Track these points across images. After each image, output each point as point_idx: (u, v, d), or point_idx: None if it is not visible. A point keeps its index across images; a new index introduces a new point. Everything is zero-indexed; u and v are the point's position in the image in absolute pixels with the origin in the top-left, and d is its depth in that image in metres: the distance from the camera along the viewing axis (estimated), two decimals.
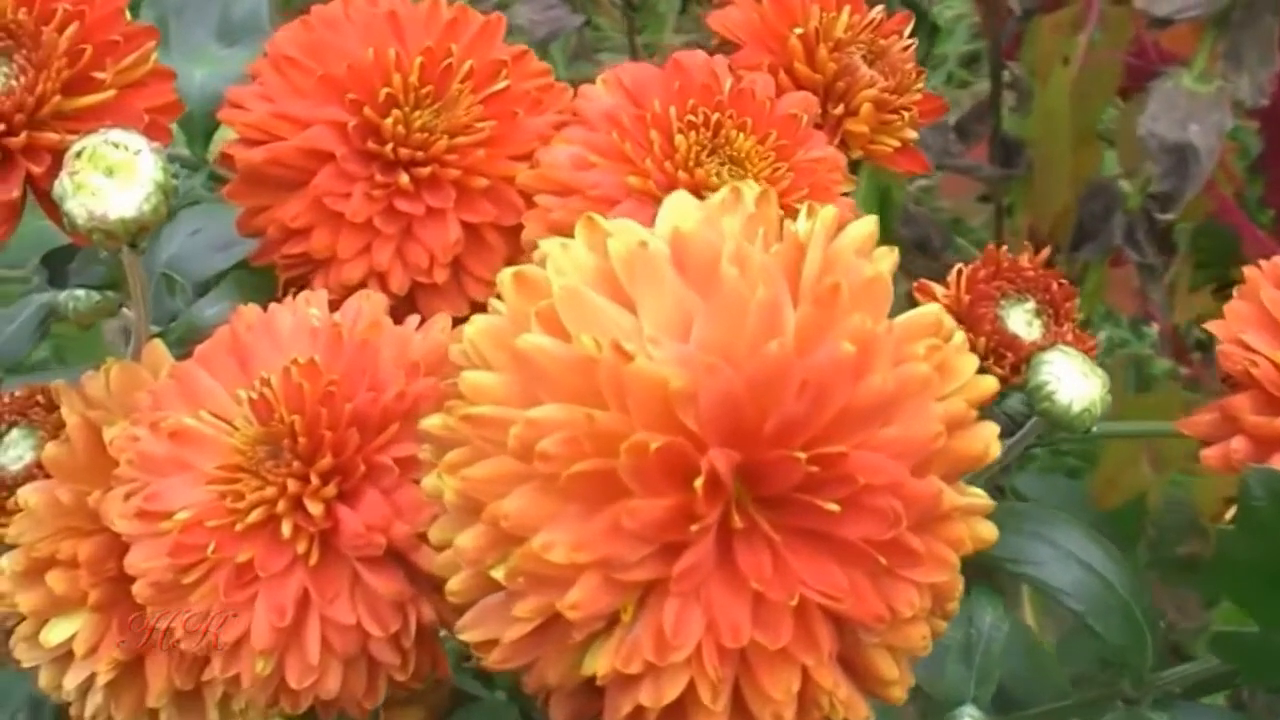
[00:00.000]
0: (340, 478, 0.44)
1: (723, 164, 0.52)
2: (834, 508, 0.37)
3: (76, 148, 0.44)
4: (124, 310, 0.51)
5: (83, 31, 0.46)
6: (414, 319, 0.47)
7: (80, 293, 0.51)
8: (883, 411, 0.38)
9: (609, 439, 0.36)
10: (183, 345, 0.52)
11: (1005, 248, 0.53)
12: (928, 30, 1.21)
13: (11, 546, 0.52)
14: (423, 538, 0.44)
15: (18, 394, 0.53)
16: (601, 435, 0.36)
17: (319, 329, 0.47)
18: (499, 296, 0.40)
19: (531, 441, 0.36)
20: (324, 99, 0.53)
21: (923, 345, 0.40)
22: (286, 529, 0.44)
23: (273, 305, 0.48)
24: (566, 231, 0.51)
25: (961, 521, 0.40)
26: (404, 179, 0.52)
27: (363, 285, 0.52)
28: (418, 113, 0.53)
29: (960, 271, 0.53)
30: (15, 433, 0.53)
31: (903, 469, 0.38)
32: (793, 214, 0.52)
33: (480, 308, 0.54)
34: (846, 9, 0.58)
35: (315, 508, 0.44)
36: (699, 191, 0.51)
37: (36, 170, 0.45)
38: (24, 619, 0.51)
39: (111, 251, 0.44)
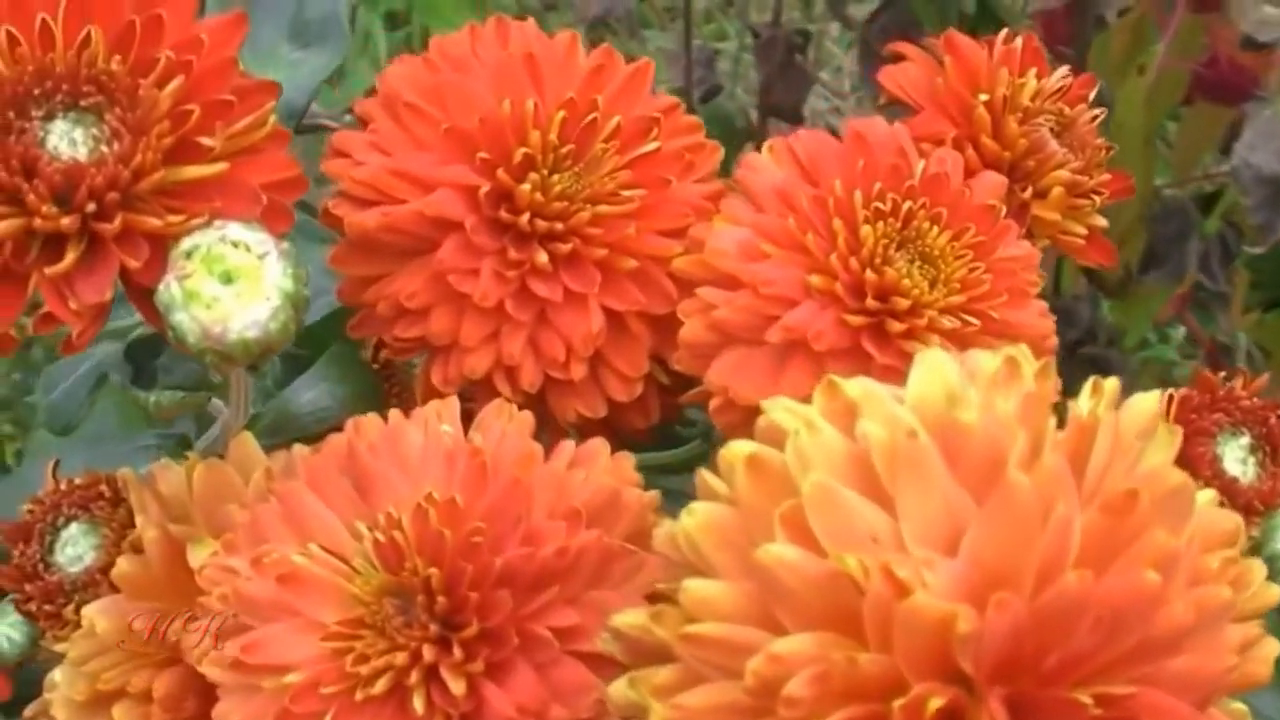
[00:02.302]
0: (488, 649, 0.37)
1: (912, 261, 0.45)
2: None
3: (186, 245, 0.36)
4: (215, 401, 0.43)
5: (188, 87, 0.38)
6: (567, 448, 0.40)
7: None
8: (1176, 642, 0.32)
9: (873, 685, 0.30)
10: (273, 435, 0.45)
11: (1222, 374, 0.47)
12: (997, 31, 1.14)
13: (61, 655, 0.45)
14: None
15: (78, 482, 0.46)
16: (863, 679, 0.30)
17: (455, 453, 0.39)
18: (717, 473, 0.33)
19: (775, 680, 0.30)
20: (450, 155, 0.46)
21: (1218, 558, 0.33)
22: (419, 704, 0.37)
23: (394, 415, 0.41)
24: (732, 332, 0.44)
25: None
26: (542, 257, 0.45)
27: (488, 379, 0.45)
28: (556, 176, 0.46)
29: (1171, 398, 0.46)
30: (74, 528, 0.45)
31: (1192, 710, 0.32)
32: (988, 322, 0.45)
33: (618, 407, 0.47)
34: (1032, 71, 0.51)
35: (457, 684, 0.37)
36: (887, 296, 0.44)
37: (134, 265, 0.36)
38: None
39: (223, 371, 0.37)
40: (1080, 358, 1.06)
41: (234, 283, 0.36)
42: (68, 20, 0.39)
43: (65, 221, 0.36)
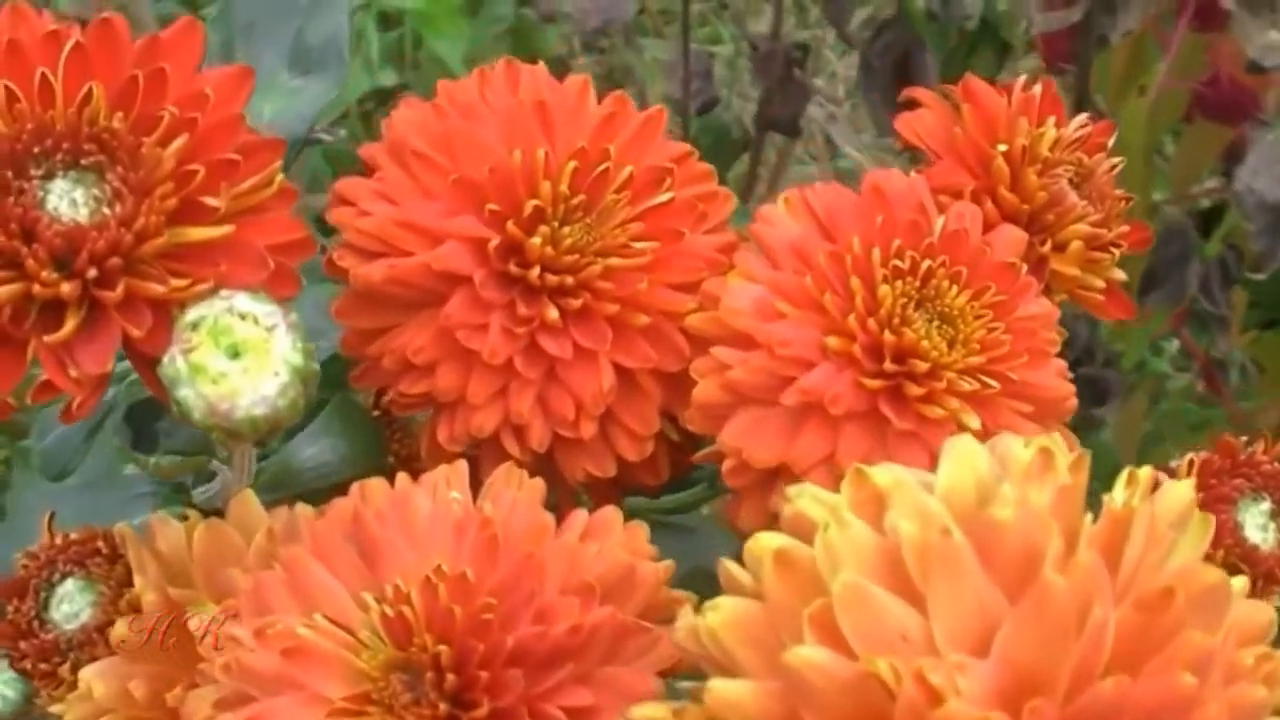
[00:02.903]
0: None
1: (931, 321, 0.44)
2: None
3: (192, 316, 0.35)
4: (215, 463, 0.42)
5: (193, 145, 0.37)
6: (579, 518, 0.39)
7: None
8: None
9: None
10: (273, 491, 0.44)
11: (1244, 438, 0.46)
12: (998, 49, 1.14)
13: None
14: None
15: (74, 537, 0.44)
16: None
17: (464, 523, 0.38)
18: (742, 562, 0.32)
19: None
20: (458, 206, 0.44)
21: (1252, 654, 0.32)
22: None
23: (402, 481, 0.40)
24: (747, 393, 0.43)
25: None
26: (552, 313, 0.44)
27: (496, 437, 0.44)
28: (567, 229, 0.45)
29: (1191, 463, 0.45)
30: (70, 584, 0.44)
31: None
32: (1007, 384, 0.44)
33: (628, 466, 0.46)
34: (1051, 120, 0.50)
35: None
36: (905, 358, 0.43)
37: (136, 333, 0.35)
38: None
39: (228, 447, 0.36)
40: (1078, 378, 1.05)
41: (241, 357, 0.35)
42: (68, 75, 0.37)
43: (66, 289, 0.35)
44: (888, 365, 0.43)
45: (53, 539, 0.45)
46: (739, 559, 0.57)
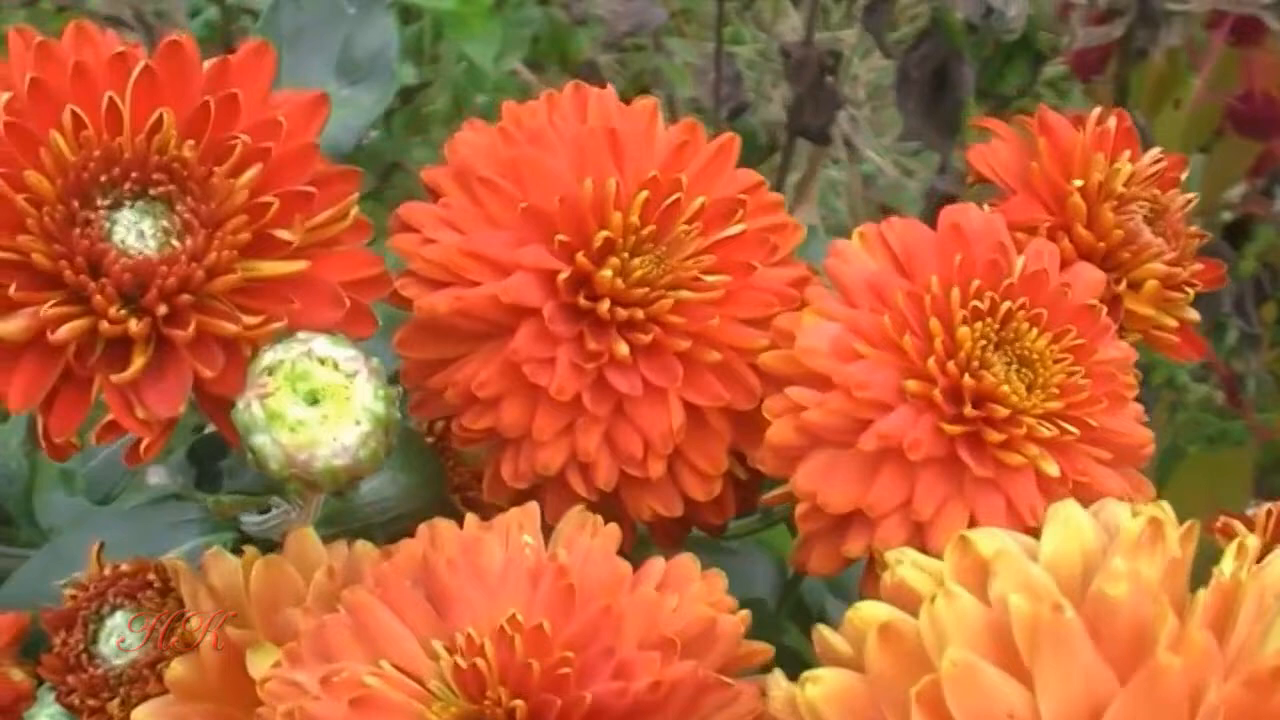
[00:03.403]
0: None
1: (1009, 363, 0.43)
2: None
3: (268, 360, 0.33)
4: (276, 499, 0.41)
5: (266, 176, 0.36)
6: (656, 568, 0.38)
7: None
8: None
9: None
10: (330, 525, 0.43)
11: None
12: (1033, 59, 1.13)
13: None
14: None
15: (125, 568, 0.43)
16: None
17: (539, 572, 0.37)
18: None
19: None
20: (526, 235, 0.43)
21: None
22: None
23: (471, 523, 0.39)
24: (822, 435, 0.42)
25: None
26: (622, 348, 0.43)
27: (561, 474, 0.43)
28: (637, 260, 0.44)
29: (1270, 513, 0.44)
30: (120, 617, 0.43)
31: None
32: (1087, 430, 0.43)
33: (694, 505, 0.45)
34: (1125, 154, 0.49)
35: None
36: (985, 402, 0.42)
37: (208, 374, 0.34)
38: None
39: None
40: None
41: (320, 404, 0.33)
42: (136, 100, 0.36)
43: (134, 326, 0.34)
44: (967, 410, 0.42)
45: (101, 569, 0.44)
46: (785, 588, 0.56)
